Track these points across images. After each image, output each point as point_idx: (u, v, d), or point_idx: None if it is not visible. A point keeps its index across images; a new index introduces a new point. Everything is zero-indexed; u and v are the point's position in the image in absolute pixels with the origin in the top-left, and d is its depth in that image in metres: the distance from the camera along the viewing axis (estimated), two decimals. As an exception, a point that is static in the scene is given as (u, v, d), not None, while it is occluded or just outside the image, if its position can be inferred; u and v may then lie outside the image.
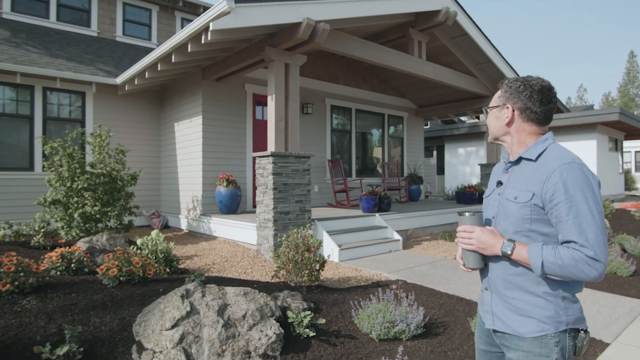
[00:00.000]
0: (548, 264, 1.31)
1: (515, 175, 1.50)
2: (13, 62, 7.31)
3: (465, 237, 1.48)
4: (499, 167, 1.66)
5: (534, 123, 1.49)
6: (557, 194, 1.33)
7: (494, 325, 1.51)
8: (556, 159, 1.38)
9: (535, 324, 1.40)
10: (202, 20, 5.13)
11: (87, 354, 2.68)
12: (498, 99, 1.57)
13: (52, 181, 6.18)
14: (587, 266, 1.27)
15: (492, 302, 1.52)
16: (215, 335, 2.73)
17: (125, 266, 3.69)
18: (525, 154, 1.47)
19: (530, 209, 1.39)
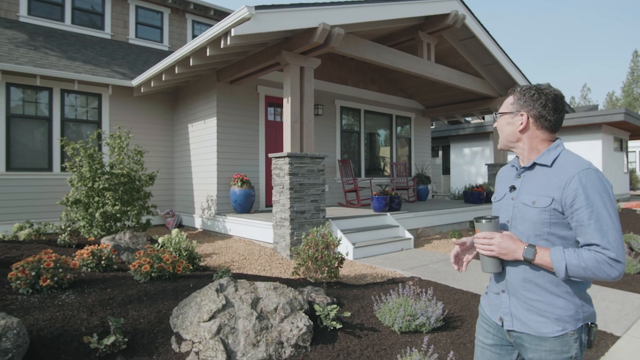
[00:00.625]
0: (572, 267, 1.36)
1: (530, 180, 1.53)
2: (33, 65, 7.51)
3: (485, 244, 1.50)
4: (507, 171, 1.70)
5: (547, 130, 1.53)
6: (577, 199, 1.38)
7: (513, 327, 1.53)
8: (573, 165, 1.43)
9: (556, 324, 1.44)
10: (222, 25, 5.31)
11: (129, 344, 2.86)
12: (511, 105, 1.59)
13: (73, 181, 6.36)
14: (609, 267, 1.33)
15: (510, 304, 1.55)
16: (250, 326, 2.90)
17: (156, 263, 3.87)
18: (539, 159, 1.52)
19: (549, 213, 1.43)
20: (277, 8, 5.24)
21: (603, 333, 3.59)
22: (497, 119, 1.65)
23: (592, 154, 14.31)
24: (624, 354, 3.23)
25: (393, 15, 6.77)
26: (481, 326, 1.71)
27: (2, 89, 7.45)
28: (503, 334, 1.59)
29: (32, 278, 3.41)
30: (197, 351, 2.77)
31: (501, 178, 1.72)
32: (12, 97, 7.59)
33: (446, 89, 10.74)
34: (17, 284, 3.40)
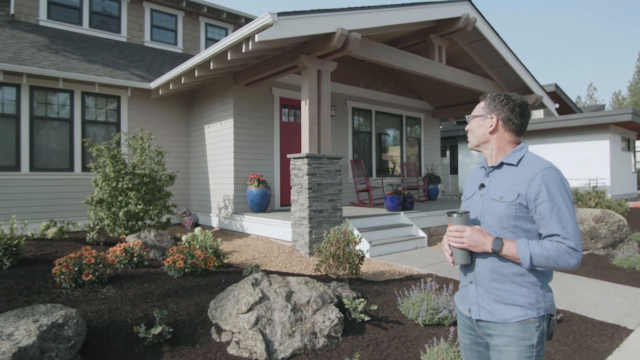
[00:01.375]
0: (536, 256, 1.49)
1: (498, 178, 1.66)
2: (55, 69, 7.73)
3: (456, 236, 1.60)
4: (476, 172, 1.82)
5: (513, 133, 1.68)
6: (540, 194, 1.52)
7: (479, 316, 1.64)
8: (536, 164, 1.58)
9: (519, 310, 1.55)
10: (245, 31, 5.50)
11: (173, 334, 3.05)
12: (482, 109, 1.73)
13: (98, 181, 6.58)
14: (569, 255, 1.47)
15: (477, 294, 1.65)
16: (286, 318, 3.09)
17: (189, 259, 4.06)
18: (507, 159, 1.65)
19: (515, 207, 1.56)
20: (298, 14, 5.42)
21: (617, 327, 3.75)
22: (469, 121, 1.77)
23: (600, 153, 14.41)
24: (637, 346, 3.39)
25: (407, 19, 6.93)
26: (459, 326, 1.81)
27: (25, 92, 7.67)
28: (475, 329, 1.69)
29: (75, 273, 3.61)
30: (238, 341, 2.96)
31: (471, 178, 1.84)
32: (35, 100, 7.82)
33: (456, 90, 10.88)
34: (61, 278, 3.61)
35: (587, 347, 3.35)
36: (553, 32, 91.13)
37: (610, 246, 6.58)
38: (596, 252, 6.53)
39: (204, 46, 12.00)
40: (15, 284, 3.59)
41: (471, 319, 1.68)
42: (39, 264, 4.26)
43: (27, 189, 7.69)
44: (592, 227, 6.51)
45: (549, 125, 14.90)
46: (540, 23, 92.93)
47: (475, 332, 1.70)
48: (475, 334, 1.70)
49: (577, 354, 3.24)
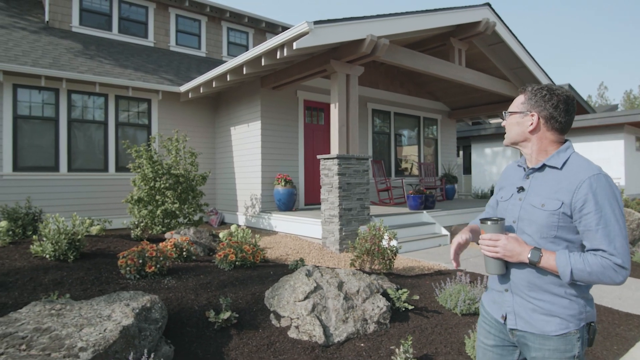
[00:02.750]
0: (577, 271, 1.37)
1: (539, 182, 1.53)
2: (92, 73, 8.10)
3: (490, 245, 1.51)
4: (513, 170, 1.69)
5: (557, 132, 1.53)
6: (587, 205, 1.38)
7: (516, 325, 1.54)
8: (584, 169, 1.43)
9: (560, 323, 1.45)
10: (281, 38, 5.80)
11: (237, 319, 3.35)
12: (521, 104, 1.58)
13: (136, 181, 6.91)
14: (614, 272, 1.35)
15: (514, 303, 1.55)
16: (339, 305, 3.38)
17: (239, 253, 4.37)
18: (549, 161, 1.51)
19: (558, 217, 1.43)
20: (332, 22, 5.71)
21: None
22: (507, 117, 1.64)
23: (614, 153, 14.54)
24: (664, 334, 3.63)
25: (431, 24, 7.20)
26: (482, 327, 1.72)
27: (64, 95, 8.05)
28: (505, 333, 1.60)
29: (139, 265, 3.93)
30: (297, 325, 3.26)
31: (507, 177, 1.72)
32: (72, 103, 8.19)
33: (472, 92, 11.11)
34: (126, 270, 3.93)
35: (616, 335, 3.60)
36: (562, 31, 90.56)
37: (630, 243, 6.79)
38: (616, 249, 6.74)
39: (225, 50, 12.34)
40: (85, 275, 3.92)
41: (500, 322, 1.60)
42: (98, 258, 4.59)
43: (65, 188, 8.06)
44: (612, 225, 6.73)
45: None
46: (547, 21, 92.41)
47: (503, 335, 1.61)
48: (503, 338, 1.62)
49: (608, 340, 3.49)
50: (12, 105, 7.57)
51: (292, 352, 3.01)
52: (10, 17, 9.47)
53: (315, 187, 9.33)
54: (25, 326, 2.43)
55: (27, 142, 7.78)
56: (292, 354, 2.99)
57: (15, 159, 7.63)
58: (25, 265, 4.05)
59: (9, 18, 9.41)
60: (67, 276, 3.85)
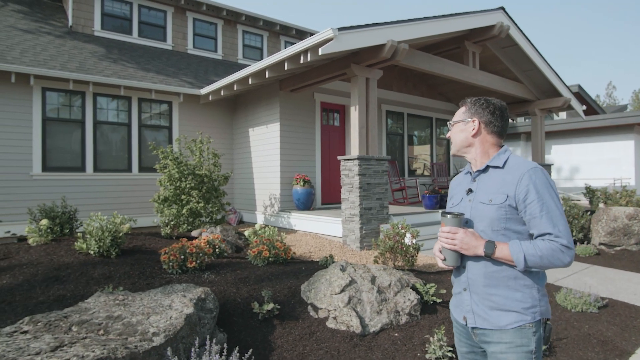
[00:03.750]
0: (529, 256, 1.48)
1: (484, 181, 1.67)
2: (117, 77, 8.37)
3: (449, 238, 1.59)
4: (461, 178, 1.83)
5: (495, 135, 1.70)
6: (529, 194, 1.52)
7: (475, 323, 1.61)
8: (522, 165, 1.59)
9: (515, 316, 1.53)
10: (306, 43, 6.03)
11: (278, 311, 3.58)
12: (463, 114, 1.75)
13: (163, 181, 7.17)
14: (562, 254, 1.47)
15: (471, 302, 1.63)
16: (373, 298, 3.60)
17: (272, 250, 4.60)
18: (492, 162, 1.66)
19: (505, 209, 1.56)
20: (355, 29, 5.93)
21: (659, 311, 4.18)
22: (451, 128, 1.80)
23: (625, 154, 14.64)
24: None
25: (448, 29, 7.39)
26: (455, 335, 1.79)
27: (90, 98, 8.32)
28: (471, 337, 1.67)
29: (181, 261, 4.17)
30: (335, 316, 3.48)
31: (456, 184, 1.85)
32: (97, 106, 8.47)
33: (484, 93, 11.26)
34: (169, 265, 4.17)
35: (634, 327, 3.80)
36: (569, 30, 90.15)
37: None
38: (629, 247, 6.90)
39: (241, 53, 12.59)
40: (131, 270, 4.17)
41: (467, 326, 1.66)
42: (137, 254, 4.84)
43: (91, 188, 8.34)
44: (625, 224, 6.89)
45: (573, 126, 15.17)
46: (553, 21, 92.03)
47: (471, 340, 1.68)
48: (472, 342, 1.69)
49: (626, 331, 3.69)
50: (41, 107, 7.85)
51: (332, 341, 3.23)
52: (35, 22, 9.76)
53: (331, 187, 9.56)
54: (97, 314, 2.67)
55: (55, 143, 8.06)
56: (333, 342, 3.21)
57: (44, 159, 7.91)
58: (73, 261, 4.31)
59: (34, 23, 9.71)
60: (114, 271, 4.10)
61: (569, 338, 3.54)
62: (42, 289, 3.59)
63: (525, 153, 16.85)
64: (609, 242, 6.95)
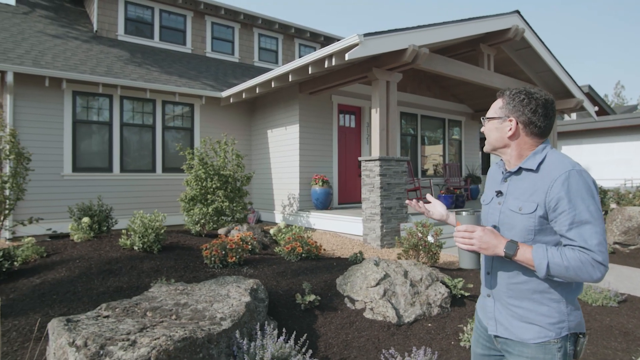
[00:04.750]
0: (554, 265, 1.32)
1: (516, 185, 1.49)
2: (143, 80, 8.67)
3: (465, 237, 1.45)
4: (495, 172, 1.66)
5: (536, 137, 1.48)
6: (560, 203, 1.34)
7: (497, 332, 1.53)
8: (556, 167, 1.39)
9: (539, 331, 1.41)
10: (331, 49, 6.29)
11: (318, 302, 3.83)
12: (499, 110, 1.53)
13: (190, 182, 7.45)
14: (592, 268, 1.30)
15: (495, 309, 1.54)
16: (407, 291, 3.85)
17: (304, 246, 4.86)
18: (525, 164, 1.47)
19: (535, 220, 1.39)
20: (379, 34, 6.18)
21: (676, 305, 4.39)
22: (485, 123, 1.59)
23: (635, 154, 14.77)
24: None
25: (466, 33, 7.62)
26: (474, 334, 1.72)
27: (117, 101, 8.63)
28: (492, 341, 1.60)
29: (222, 256, 4.44)
30: (371, 308, 3.73)
31: (490, 178, 1.70)
32: (124, 109, 8.77)
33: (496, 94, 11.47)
34: (211, 260, 4.45)
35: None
36: (575, 29, 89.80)
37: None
38: (643, 246, 7.09)
39: (257, 55, 12.87)
40: (175, 264, 4.45)
41: (486, 328, 1.60)
42: (177, 250, 5.12)
43: (118, 187, 8.64)
44: (639, 224, 7.09)
45: (584, 127, 15.32)
46: (559, 20, 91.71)
47: (491, 343, 1.61)
48: (490, 346, 1.61)
49: (647, 324, 3.91)
50: (71, 110, 8.16)
51: (371, 330, 3.49)
52: (62, 27, 10.09)
53: (347, 187, 9.81)
54: (165, 302, 2.94)
55: (84, 144, 8.37)
56: (372, 331, 3.46)
57: (74, 160, 8.22)
58: (120, 256, 4.59)
59: (62, 28, 10.04)
60: (160, 265, 4.37)
61: (592, 329, 3.77)
62: (99, 280, 3.87)
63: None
64: (624, 241, 7.14)
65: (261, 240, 6.38)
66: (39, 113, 7.77)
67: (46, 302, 3.42)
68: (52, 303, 3.40)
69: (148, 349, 2.18)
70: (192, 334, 2.39)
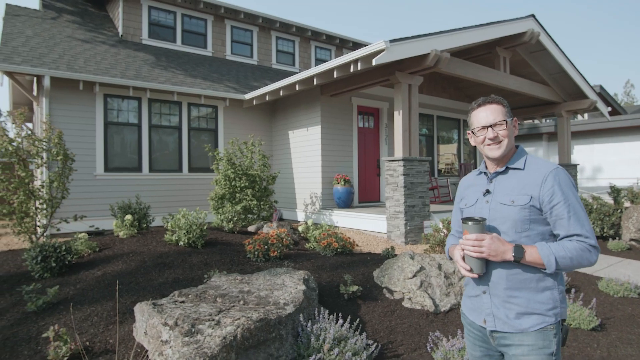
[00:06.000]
0: (560, 258, 1.46)
1: (503, 183, 1.63)
2: (170, 84, 9.00)
3: (475, 245, 1.52)
4: (473, 179, 1.81)
5: None
6: (555, 195, 1.51)
7: (495, 327, 1.58)
8: (544, 165, 1.58)
9: (537, 318, 1.51)
10: (358, 54, 6.58)
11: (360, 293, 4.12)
12: (506, 114, 1.66)
13: (220, 181, 7.76)
14: (589, 253, 1.48)
15: (492, 304, 1.59)
16: (442, 282, 4.13)
17: (339, 242, 5.14)
18: (512, 164, 1.64)
19: (529, 210, 1.53)
20: (404, 40, 6.45)
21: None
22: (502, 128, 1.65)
23: (647, 153, 14.90)
24: None
25: (485, 37, 7.87)
26: (468, 338, 1.76)
27: (145, 104, 8.97)
28: (488, 341, 1.65)
29: (265, 250, 4.74)
30: (409, 298, 4.01)
31: (467, 186, 1.82)
32: (152, 111, 9.10)
33: (510, 95, 11.68)
34: (254, 254, 4.75)
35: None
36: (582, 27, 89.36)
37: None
38: (658, 243, 7.31)
39: (274, 58, 13.18)
40: (221, 258, 4.75)
41: (483, 329, 1.64)
42: (218, 245, 5.43)
43: (147, 187, 8.97)
44: (655, 221, 7.31)
45: (595, 127, 15.47)
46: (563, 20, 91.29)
47: (487, 344, 1.66)
48: (488, 346, 1.66)
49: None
50: (103, 113, 8.50)
51: (411, 317, 3.77)
52: (89, 32, 10.45)
53: (367, 187, 10.09)
54: (229, 289, 3.24)
55: (115, 146, 8.71)
56: (412, 318, 3.75)
57: (106, 161, 8.56)
58: (168, 250, 4.90)
59: (89, 33, 10.40)
60: (208, 259, 4.68)
61: (615, 318, 4.02)
62: (156, 272, 4.18)
63: (547, 153, 17.19)
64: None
65: (291, 236, 6.68)
66: (72, 115, 8.12)
67: (113, 291, 3.73)
68: (119, 292, 3.71)
69: (234, 327, 2.48)
70: (266, 316, 2.69)
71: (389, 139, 10.37)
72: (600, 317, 3.99)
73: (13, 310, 3.53)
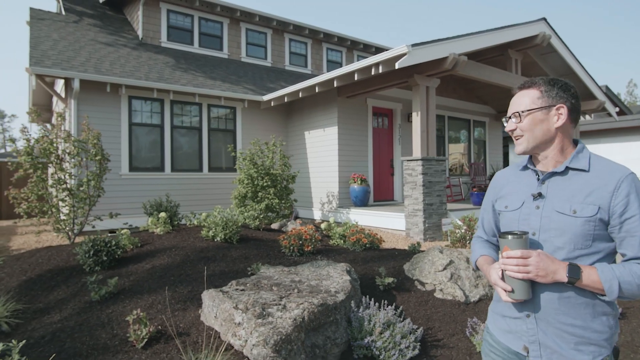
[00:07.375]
0: (625, 284, 1.21)
1: (561, 186, 1.35)
2: (192, 86, 9.27)
3: (520, 264, 1.26)
4: (514, 176, 1.51)
5: (574, 127, 1.38)
6: (630, 207, 1.23)
7: (541, 357, 1.34)
8: (617, 169, 1.29)
9: (594, 349, 1.29)
10: (379, 57, 6.84)
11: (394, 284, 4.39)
12: (539, 100, 1.37)
13: (243, 180, 8.03)
14: None
15: (538, 330, 1.34)
16: (470, 274, 4.39)
17: (368, 238, 5.41)
18: (573, 164, 1.34)
19: (594, 224, 1.26)
20: (424, 44, 6.71)
21: None
22: (523, 118, 1.38)
23: (653, 153, 15.15)
24: None
25: (499, 40, 8.13)
26: (489, 357, 1.51)
27: (167, 105, 9.24)
28: None
29: (299, 245, 5.01)
30: (441, 289, 4.28)
31: (505, 182, 1.53)
32: (174, 112, 9.38)
33: (521, 96, 11.95)
34: (289, 249, 5.01)
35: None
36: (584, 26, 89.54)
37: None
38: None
39: (288, 60, 13.45)
40: (258, 252, 5.02)
41: (519, 355, 1.39)
42: (251, 241, 5.70)
43: (169, 186, 9.24)
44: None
45: (601, 127, 15.72)
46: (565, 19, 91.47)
47: None
48: None
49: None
50: (127, 114, 8.78)
51: (444, 307, 4.03)
52: (110, 35, 10.73)
53: (381, 186, 10.35)
54: (281, 279, 3.51)
55: (139, 146, 8.99)
56: (445, 308, 4.01)
57: (131, 160, 8.84)
58: (207, 246, 5.17)
59: (110, 36, 10.67)
60: (246, 253, 4.95)
61: (635, 307, 4.28)
62: (202, 265, 4.45)
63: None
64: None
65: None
66: (99, 117, 8.39)
67: (166, 282, 4.00)
68: (173, 283, 3.98)
69: (300, 311, 2.75)
70: (324, 301, 2.96)
71: (403, 139, 10.63)
72: (621, 306, 4.24)
73: (75, 300, 3.81)
